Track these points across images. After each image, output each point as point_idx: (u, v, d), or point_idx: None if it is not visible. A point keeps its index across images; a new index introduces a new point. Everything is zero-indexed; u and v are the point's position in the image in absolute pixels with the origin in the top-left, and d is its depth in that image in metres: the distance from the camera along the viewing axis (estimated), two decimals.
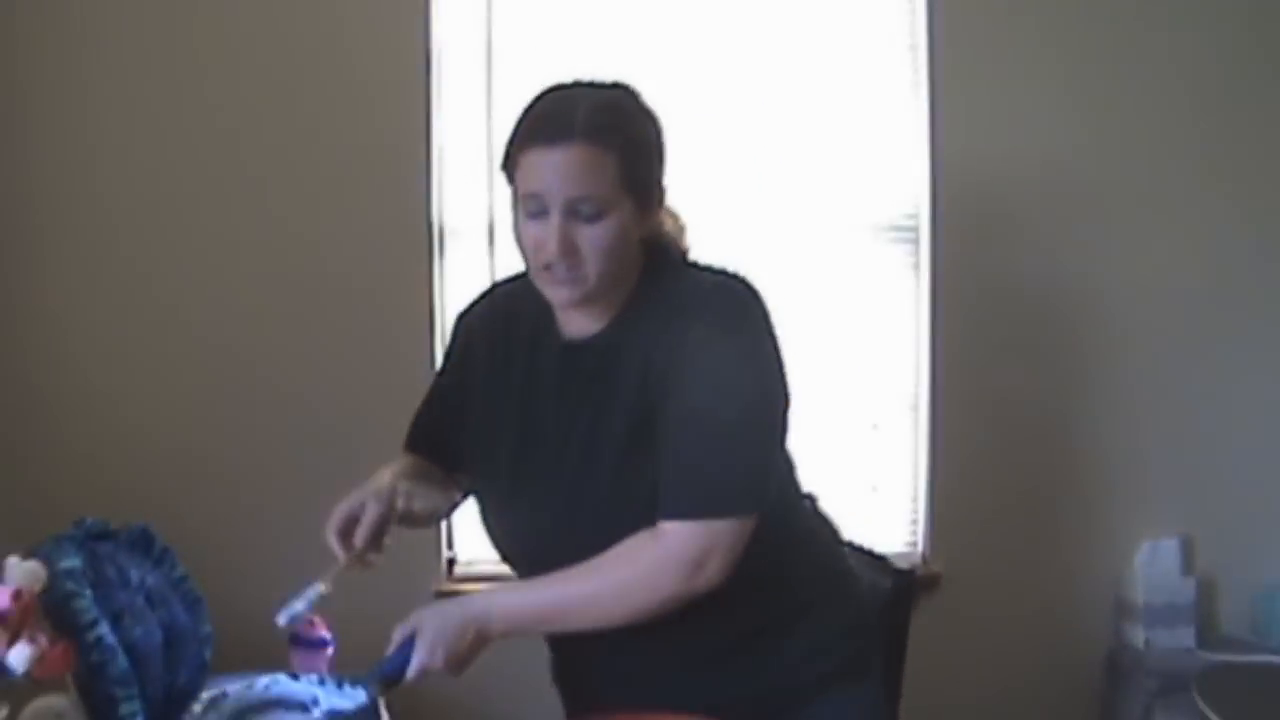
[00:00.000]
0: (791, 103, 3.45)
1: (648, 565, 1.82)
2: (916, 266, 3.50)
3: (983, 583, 3.48)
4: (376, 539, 1.96)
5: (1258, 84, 3.50)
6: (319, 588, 1.86)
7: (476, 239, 3.38)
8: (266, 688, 1.67)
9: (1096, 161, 3.49)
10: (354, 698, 1.70)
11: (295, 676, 1.69)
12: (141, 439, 3.31)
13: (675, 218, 2.10)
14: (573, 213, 1.83)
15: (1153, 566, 3.48)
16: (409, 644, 1.82)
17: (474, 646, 1.84)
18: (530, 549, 2.01)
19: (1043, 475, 3.54)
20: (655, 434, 1.85)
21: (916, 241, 3.49)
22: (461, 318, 2.18)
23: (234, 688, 1.66)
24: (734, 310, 1.88)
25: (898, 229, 3.50)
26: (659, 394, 1.85)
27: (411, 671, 1.81)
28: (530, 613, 1.87)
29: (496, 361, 2.06)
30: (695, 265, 2.01)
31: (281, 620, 1.81)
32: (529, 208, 1.85)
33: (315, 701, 1.76)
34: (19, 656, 1.84)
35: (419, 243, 3.34)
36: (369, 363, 3.33)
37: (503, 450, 2.02)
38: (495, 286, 2.17)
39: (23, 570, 1.95)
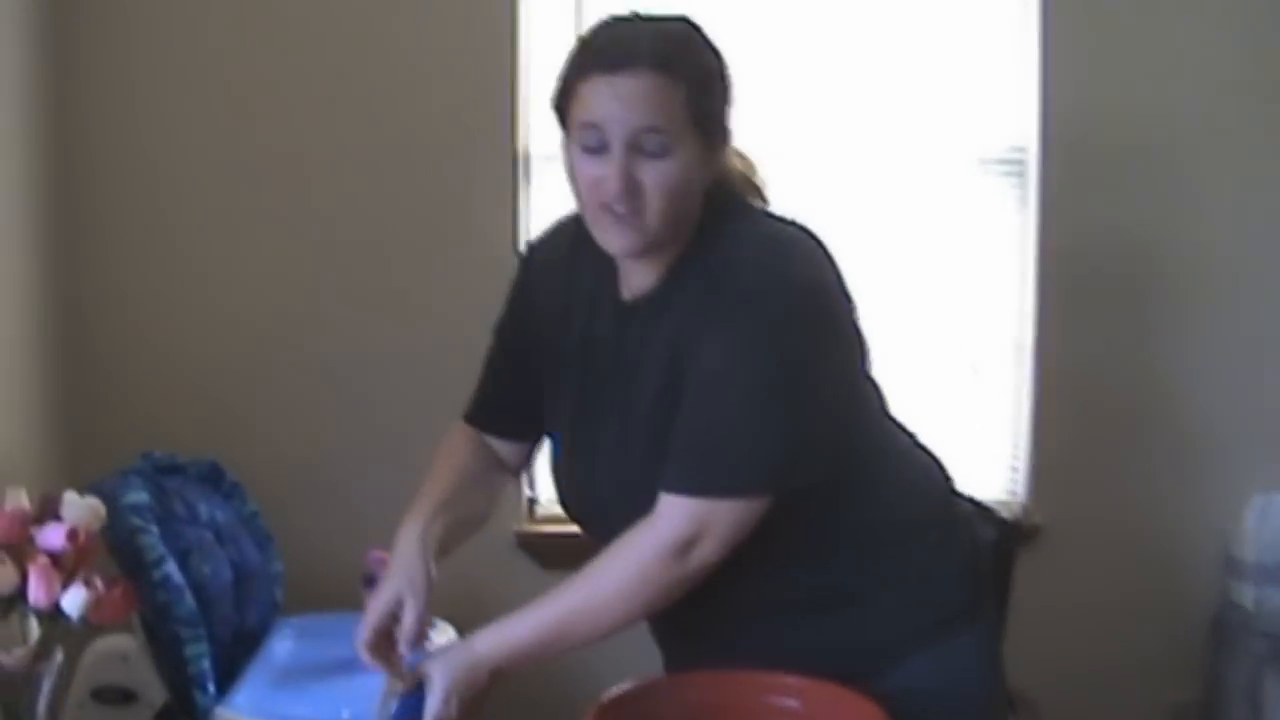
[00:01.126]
0: (896, 28, 3.29)
1: (636, 557, 1.74)
2: (1023, 201, 3.33)
3: (1085, 535, 3.34)
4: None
5: None
6: None
7: (560, 166, 3.23)
8: None
9: (1216, 102, 3.30)
10: None
11: None
12: (213, 370, 3.23)
13: (743, 158, 1.97)
14: (636, 147, 1.71)
15: (1264, 522, 3.30)
16: (418, 695, 1.75)
17: (487, 689, 1.77)
18: (587, 514, 1.94)
19: (1150, 423, 3.38)
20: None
21: (1024, 175, 3.33)
22: (528, 254, 2.09)
23: None
24: (778, 271, 1.75)
25: (1005, 162, 3.33)
26: (689, 360, 1.76)
27: None
28: (536, 640, 1.78)
29: (560, 305, 1.96)
30: (757, 214, 1.89)
31: None
32: (587, 141, 1.74)
33: None
34: (73, 601, 1.76)
35: (503, 168, 3.22)
36: (448, 293, 3.22)
37: (564, 402, 1.94)
38: (564, 221, 2.04)
39: (81, 507, 1.85)
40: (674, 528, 1.73)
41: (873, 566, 1.88)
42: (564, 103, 1.79)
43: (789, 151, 3.10)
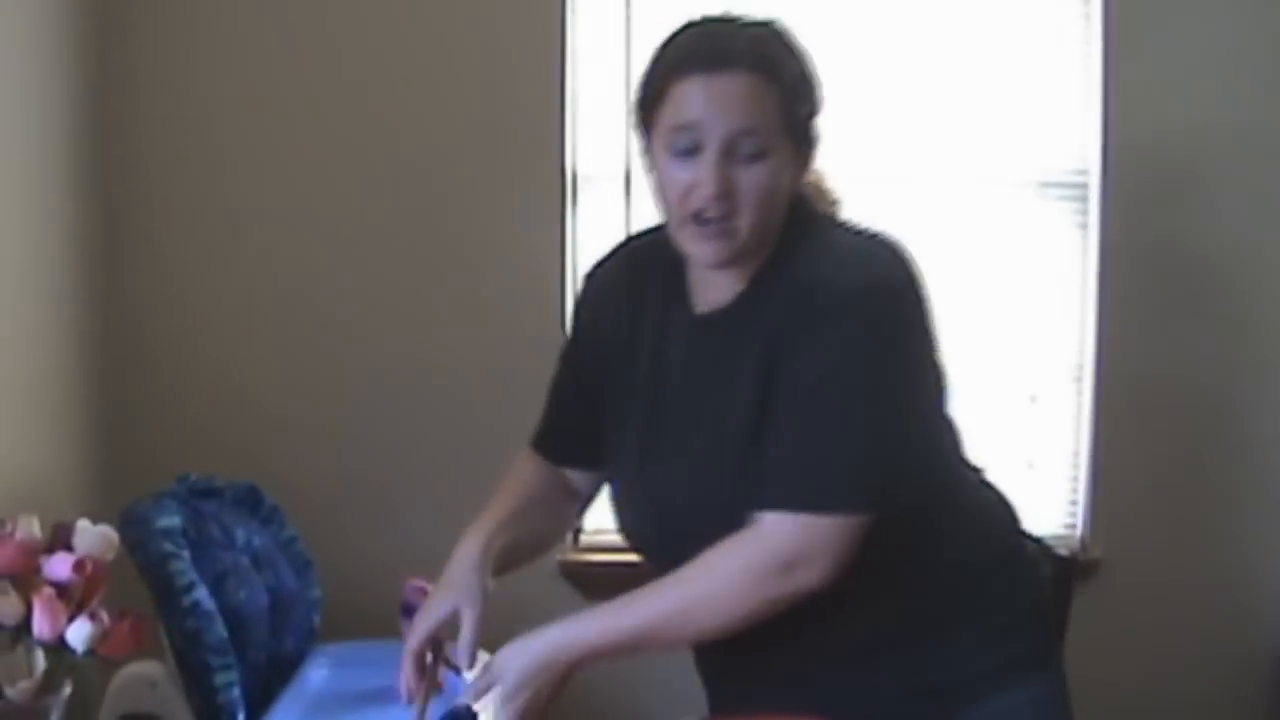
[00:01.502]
0: (955, 50, 3.24)
1: (736, 568, 1.66)
2: (1084, 226, 3.26)
3: (1145, 571, 3.26)
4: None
5: None
6: None
7: (612, 186, 3.22)
8: None
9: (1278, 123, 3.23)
10: None
11: None
12: (254, 393, 3.21)
13: (814, 172, 1.91)
14: (730, 150, 1.66)
15: None
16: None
17: (558, 684, 1.70)
18: (656, 538, 1.84)
19: (1215, 456, 3.30)
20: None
21: (1085, 200, 3.25)
22: (589, 278, 2.00)
23: None
24: (870, 282, 1.69)
25: (1065, 186, 3.27)
26: (782, 374, 1.68)
27: None
28: (619, 641, 1.70)
29: (624, 329, 1.89)
30: (839, 224, 1.83)
31: None
32: (678, 144, 1.68)
33: None
34: (78, 634, 1.70)
35: (552, 190, 3.18)
36: (495, 317, 3.19)
37: (630, 430, 1.86)
38: (624, 243, 1.99)
39: (93, 535, 1.79)
40: (782, 546, 1.65)
41: (943, 607, 1.80)
42: (651, 106, 1.73)
43: (850, 175, 3.05)
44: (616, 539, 2.35)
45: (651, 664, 1.97)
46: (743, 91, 1.66)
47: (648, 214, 1.83)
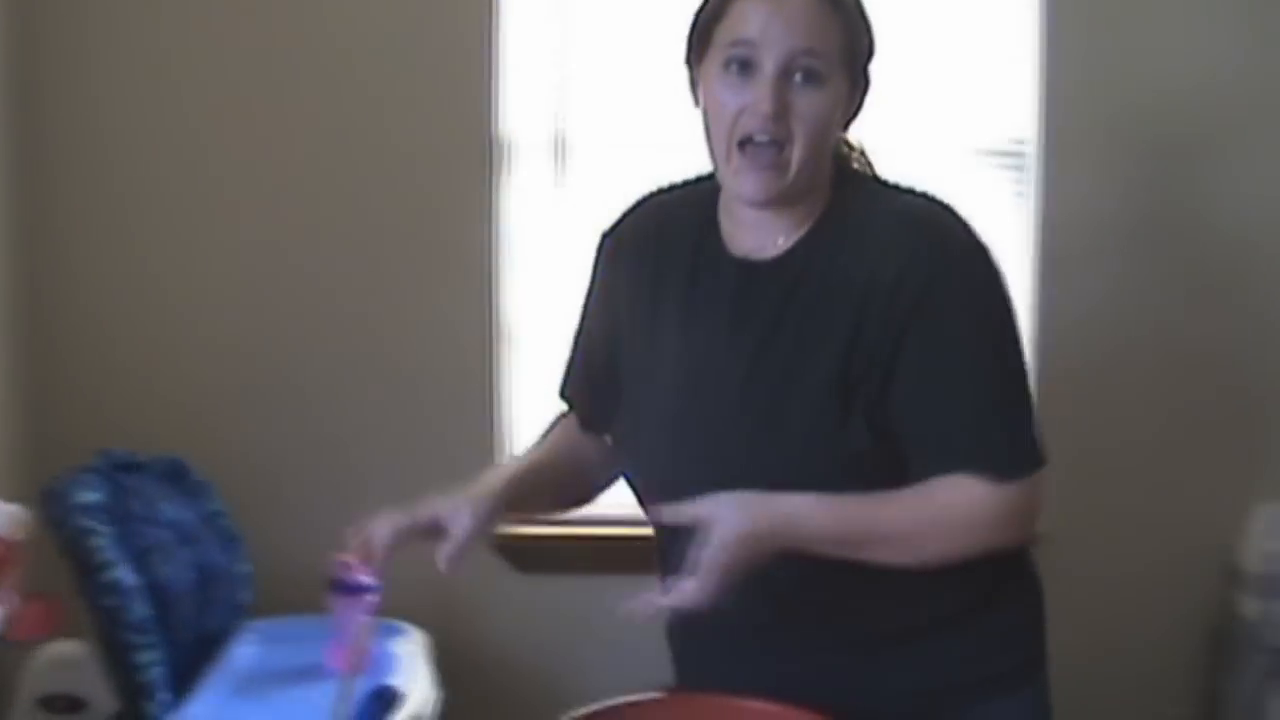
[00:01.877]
0: (896, 18, 3.16)
1: (980, 510, 1.64)
2: (1022, 195, 3.24)
3: (1081, 541, 3.20)
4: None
5: None
6: None
7: (542, 153, 3.17)
8: None
9: (1219, 92, 3.21)
10: None
11: None
12: (179, 366, 3.14)
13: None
14: (787, 73, 1.64)
15: (1269, 532, 3.21)
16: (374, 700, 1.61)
17: (758, 559, 1.59)
18: (692, 488, 1.69)
19: (1152, 426, 3.29)
20: (890, 377, 1.63)
21: (1023, 169, 3.24)
22: (605, 236, 1.92)
23: None
24: (971, 240, 1.70)
25: (1003, 154, 3.25)
26: (897, 332, 1.63)
27: (701, 582, 1.54)
28: (839, 533, 1.62)
29: (647, 282, 1.81)
30: (890, 182, 1.83)
31: None
32: (734, 57, 1.65)
33: None
34: None
35: (478, 157, 3.12)
36: (423, 287, 3.13)
37: (659, 389, 1.78)
38: (644, 199, 1.92)
39: (1, 515, 1.73)
40: (1024, 504, 1.66)
41: (955, 606, 1.76)
42: (707, 28, 1.70)
43: None
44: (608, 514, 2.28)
45: (611, 637, 1.91)
46: (805, 11, 1.65)
47: (578, 182, 1.78)
